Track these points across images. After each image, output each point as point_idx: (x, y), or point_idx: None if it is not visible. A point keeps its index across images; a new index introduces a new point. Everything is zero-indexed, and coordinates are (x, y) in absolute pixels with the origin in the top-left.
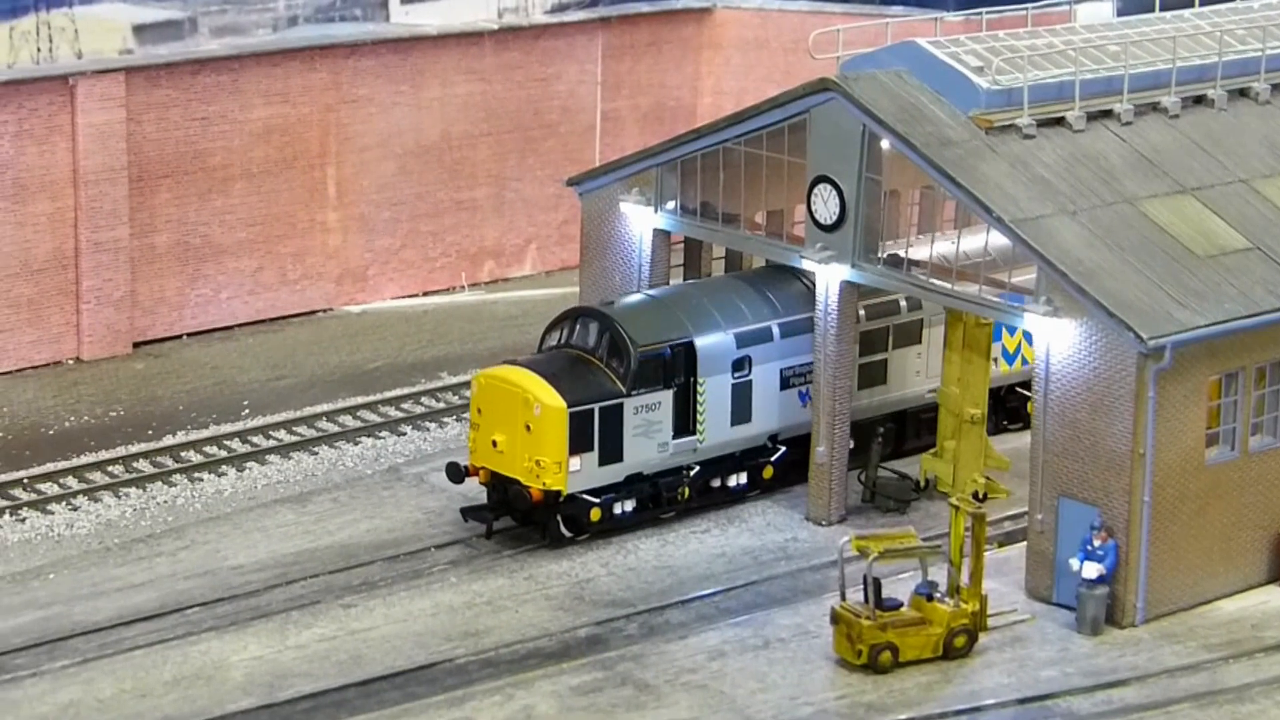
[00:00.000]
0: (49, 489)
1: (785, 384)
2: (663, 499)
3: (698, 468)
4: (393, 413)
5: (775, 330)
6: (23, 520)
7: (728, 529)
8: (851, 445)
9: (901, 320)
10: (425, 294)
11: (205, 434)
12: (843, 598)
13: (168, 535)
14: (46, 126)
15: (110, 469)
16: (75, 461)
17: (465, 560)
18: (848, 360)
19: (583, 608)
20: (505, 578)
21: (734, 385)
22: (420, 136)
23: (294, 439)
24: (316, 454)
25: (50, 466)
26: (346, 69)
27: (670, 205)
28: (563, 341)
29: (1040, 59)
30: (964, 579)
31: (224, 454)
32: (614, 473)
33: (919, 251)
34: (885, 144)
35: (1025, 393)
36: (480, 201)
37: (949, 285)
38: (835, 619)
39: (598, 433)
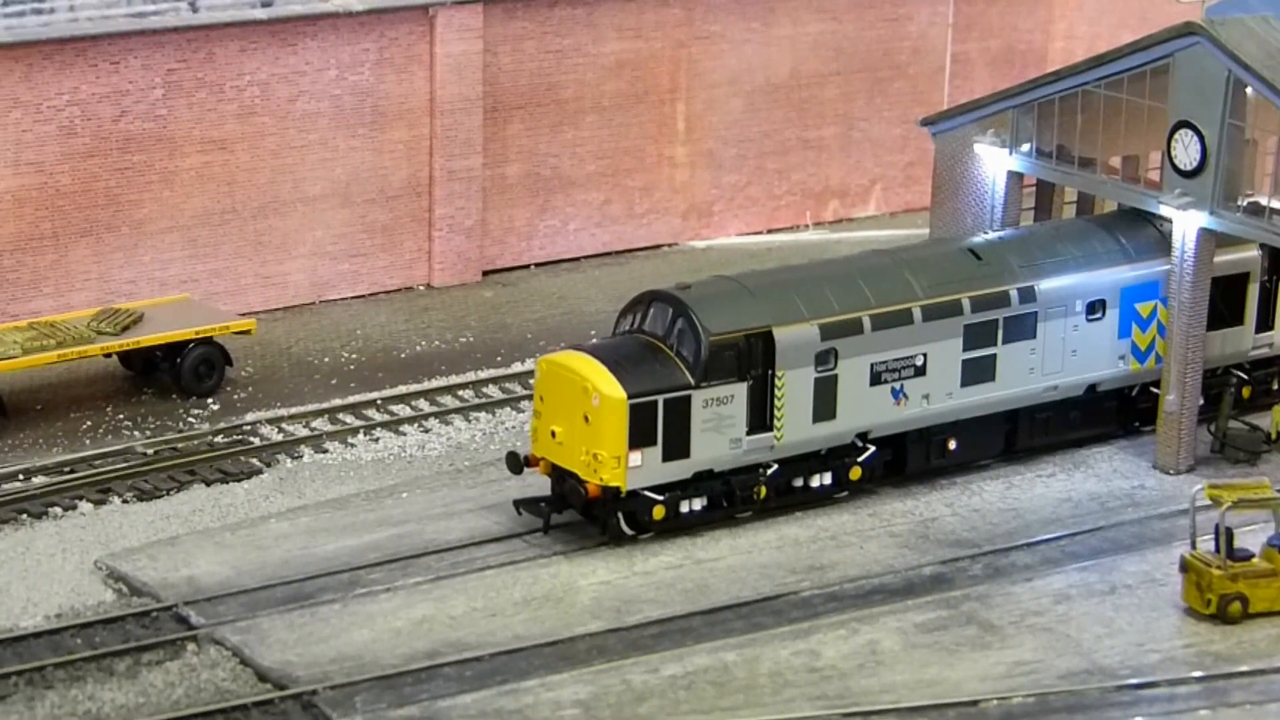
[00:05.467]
0: (401, 410)
1: (876, 380)
2: (736, 498)
3: (775, 466)
4: None
5: (866, 322)
6: (376, 440)
7: (1074, 474)
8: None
9: None
10: (769, 231)
11: None
12: (1193, 546)
13: None
14: (406, 55)
15: (460, 393)
16: (426, 385)
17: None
18: (1202, 307)
19: (927, 546)
20: (850, 514)
21: (817, 379)
22: (769, 74)
23: None
24: None
25: (402, 389)
26: (699, 5)
27: (1025, 147)
28: (635, 326)
29: None
30: None
31: None
32: (679, 469)
33: None
34: (1250, 90)
35: None
36: (827, 140)
37: None
38: (1185, 567)
39: (661, 426)
